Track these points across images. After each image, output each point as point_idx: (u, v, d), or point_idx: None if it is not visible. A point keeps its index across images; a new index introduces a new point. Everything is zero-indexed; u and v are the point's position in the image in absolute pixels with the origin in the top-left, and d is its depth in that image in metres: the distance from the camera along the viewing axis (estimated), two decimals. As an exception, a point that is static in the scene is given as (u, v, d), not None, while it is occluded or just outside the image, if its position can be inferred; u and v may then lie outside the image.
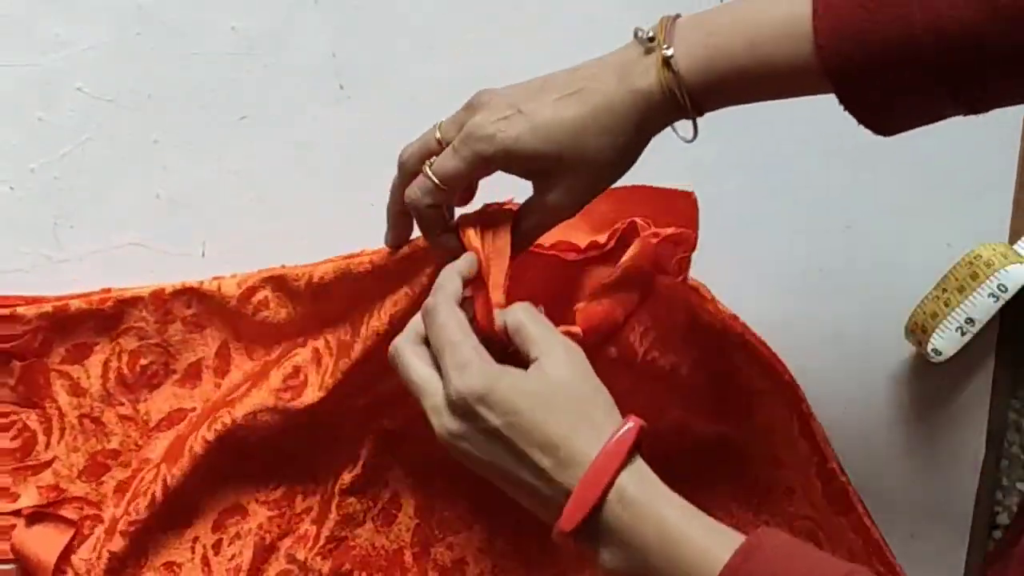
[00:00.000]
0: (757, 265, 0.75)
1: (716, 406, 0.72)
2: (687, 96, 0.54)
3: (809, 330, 0.75)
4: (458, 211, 0.62)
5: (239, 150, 0.72)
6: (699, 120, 0.56)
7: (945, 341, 0.71)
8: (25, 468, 0.70)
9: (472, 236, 0.59)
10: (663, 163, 0.59)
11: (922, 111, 0.53)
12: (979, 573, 0.74)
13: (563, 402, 0.52)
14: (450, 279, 0.57)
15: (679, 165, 0.63)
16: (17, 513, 0.70)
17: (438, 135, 0.59)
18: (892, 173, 0.75)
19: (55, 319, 0.69)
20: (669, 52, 0.54)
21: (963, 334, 0.71)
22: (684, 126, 0.57)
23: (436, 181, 0.57)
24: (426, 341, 0.56)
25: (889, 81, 0.51)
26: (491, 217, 0.60)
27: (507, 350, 0.56)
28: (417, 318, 0.57)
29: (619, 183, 0.59)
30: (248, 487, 0.72)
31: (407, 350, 0.56)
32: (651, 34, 0.55)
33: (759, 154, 0.61)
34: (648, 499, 0.50)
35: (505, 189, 0.60)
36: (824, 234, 0.76)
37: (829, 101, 0.53)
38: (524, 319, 0.55)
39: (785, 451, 0.73)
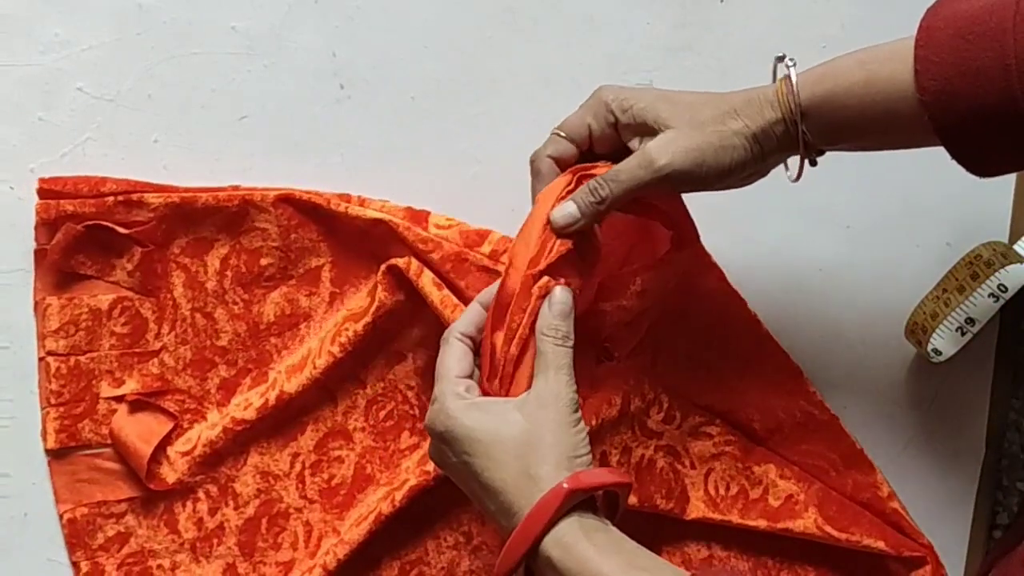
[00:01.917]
0: (757, 265, 0.75)
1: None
2: (798, 105, 0.57)
3: (809, 330, 0.75)
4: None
5: (239, 150, 0.72)
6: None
7: (945, 341, 0.71)
8: (132, 355, 0.70)
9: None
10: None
11: (1014, 145, 0.54)
12: (979, 573, 0.74)
13: (511, 451, 0.54)
14: (471, 311, 0.61)
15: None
16: (120, 399, 0.70)
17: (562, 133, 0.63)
18: (892, 173, 0.75)
19: (181, 210, 0.70)
20: (793, 66, 0.59)
21: (963, 334, 0.71)
22: (792, 165, 0.61)
23: (562, 134, 0.62)
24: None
25: (983, 112, 0.53)
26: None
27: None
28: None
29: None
30: (356, 413, 0.72)
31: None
32: (780, 54, 0.60)
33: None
34: (571, 564, 0.52)
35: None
36: (824, 234, 0.76)
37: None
38: (543, 348, 0.57)
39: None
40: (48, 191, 0.69)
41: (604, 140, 0.62)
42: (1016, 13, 0.52)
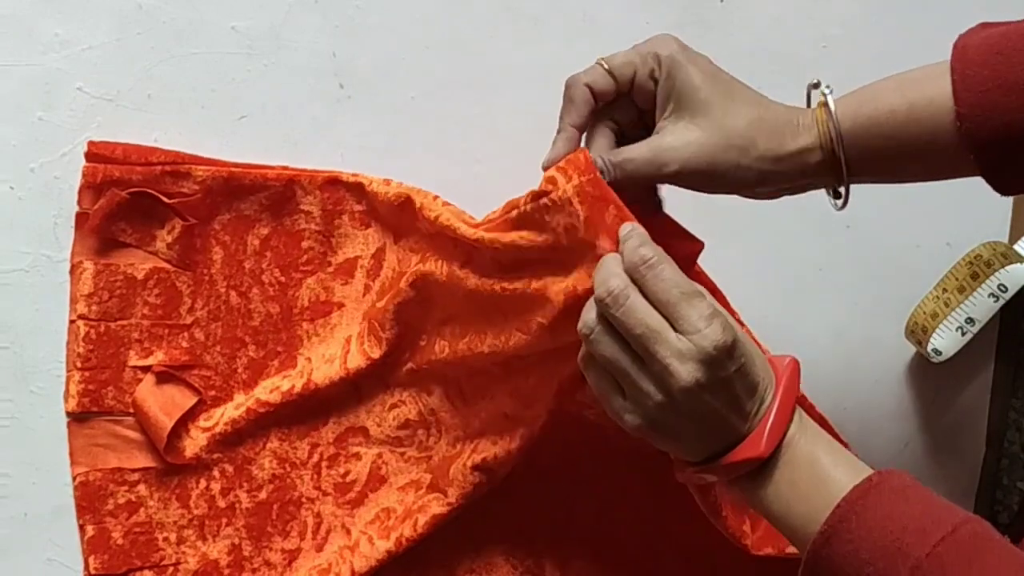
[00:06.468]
0: (757, 265, 0.75)
1: None
2: (839, 134, 0.57)
3: (809, 330, 0.75)
4: None
5: (239, 150, 0.72)
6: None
7: (945, 341, 0.71)
8: (163, 326, 0.70)
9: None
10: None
11: None
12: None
13: (750, 344, 0.56)
14: (639, 234, 0.56)
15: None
16: (146, 369, 0.70)
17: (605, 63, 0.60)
18: (892, 173, 0.75)
19: (227, 186, 0.70)
20: (830, 92, 0.58)
21: (963, 334, 0.71)
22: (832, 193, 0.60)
23: (606, 65, 0.59)
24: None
25: (1021, 127, 0.53)
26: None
27: None
28: (609, 269, 0.55)
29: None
30: (377, 410, 0.72)
31: (634, 294, 0.55)
32: (815, 81, 0.59)
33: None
34: (810, 429, 0.56)
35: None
36: (824, 234, 0.76)
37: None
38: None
39: None
40: (96, 155, 0.69)
41: (643, 91, 0.60)
42: None
